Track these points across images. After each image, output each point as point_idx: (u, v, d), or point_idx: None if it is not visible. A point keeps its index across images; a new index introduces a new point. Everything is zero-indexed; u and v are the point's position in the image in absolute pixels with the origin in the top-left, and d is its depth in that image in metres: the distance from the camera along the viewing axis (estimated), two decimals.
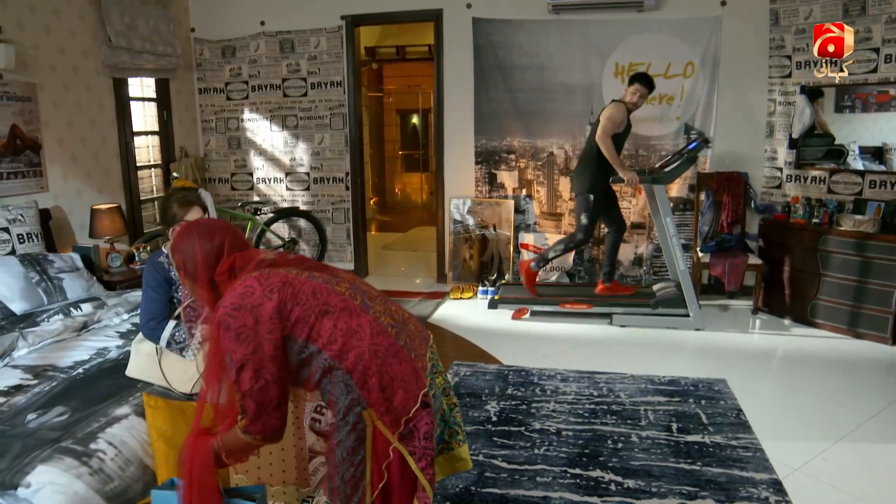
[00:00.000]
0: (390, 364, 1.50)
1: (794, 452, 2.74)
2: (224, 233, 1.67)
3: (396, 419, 1.47)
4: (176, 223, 2.51)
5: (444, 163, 5.56)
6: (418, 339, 1.65)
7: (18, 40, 3.94)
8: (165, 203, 2.58)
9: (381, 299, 1.67)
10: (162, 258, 2.58)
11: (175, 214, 2.52)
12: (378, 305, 1.63)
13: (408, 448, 1.47)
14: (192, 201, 2.55)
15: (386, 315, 1.61)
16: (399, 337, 1.57)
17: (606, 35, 4.98)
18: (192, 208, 2.53)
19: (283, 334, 1.50)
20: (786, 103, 4.72)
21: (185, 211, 2.52)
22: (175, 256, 1.66)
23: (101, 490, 1.91)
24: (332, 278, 1.65)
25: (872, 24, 4.18)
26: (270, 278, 1.54)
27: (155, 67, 5.16)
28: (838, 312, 4.26)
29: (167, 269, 2.55)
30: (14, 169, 3.94)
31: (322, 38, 5.56)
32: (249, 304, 1.49)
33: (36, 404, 2.29)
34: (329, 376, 1.51)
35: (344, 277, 1.69)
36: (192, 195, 2.60)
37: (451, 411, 1.74)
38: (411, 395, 1.49)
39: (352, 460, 1.49)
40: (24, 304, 3.34)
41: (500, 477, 2.57)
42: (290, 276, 1.56)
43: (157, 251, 2.66)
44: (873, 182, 4.36)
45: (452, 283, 5.56)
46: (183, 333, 2.35)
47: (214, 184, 6.03)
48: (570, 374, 3.61)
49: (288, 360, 1.52)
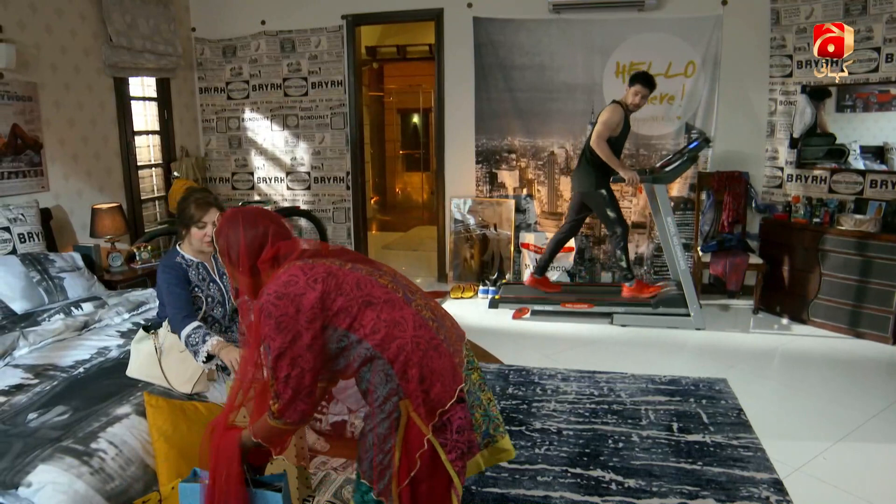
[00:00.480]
0: (430, 357, 1.54)
1: (794, 452, 2.74)
2: (268, 221, 1.70)
3: (432, 411, 1.51)
4: (193, 224, 2.54)
5: (444, 162, 5.56)
6: (455, 335, 1.69)
7: (20, 40, 3.94)
8: (183, 203, 2.59)
9: (420, 294, 1.71)
10: (178, 259, 2.59)
11: (192, 215, 2.53)
12: (419, 299, 1.67)
13: (439, 440, 1.51)
14: (210, 203, 2.56)
15: (426, 309, 1.65)
16: (439, 331, 1.61)
17: (607, 34, 4.98)
18: (209, 210, 2.54)
19: (323, 324, 1.53)
20: (787, 103, 4.72)
21: (203, 212, 2.53)
22: (219, 241, 1.69)
23: (101, 489, 1.91)
24: (375, 270, 1.69)
25: (873, 23, 4.18)
26: (315, 269, 1.57)
27: (156, 67, 5.16)
28: (839, 312, 4.26)
29: (185, 269, 2.57)
30: (15, 168, 3.94)
31: (323, 38, 5.56)
32: (292, 293, 1.52)
33: (37, 404, 2.29)
34: (369, 365, 1.55)
35: (385, 270, 1.73)
36: (210, 196, 2.60)
37: (488, 405, 1.77)
38: (448, 389, 1.53)
39: (382, 447, 1.52)
40: (24, 304, 3.34)
41: (500, 476, 2.57)
42: (334, 268, 1.60)
43: (171, 252, 2.65)
44: (874, 182, 4.35)
45: (453, 283, 5.56)
46: (198, 337, 2.37)
47: (215, 183, 6.03)
48: (571, 374, 3.61)
49: (326, 349, 1.56)
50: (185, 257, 2.61)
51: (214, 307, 2.65)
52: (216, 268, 2.68)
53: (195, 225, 2.54)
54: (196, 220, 2.53)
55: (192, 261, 2.61)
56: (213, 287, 2.64)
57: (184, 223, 2.57)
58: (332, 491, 2.26)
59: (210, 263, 2.67)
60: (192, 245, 2.60)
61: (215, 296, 2.65)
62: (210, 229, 2.53)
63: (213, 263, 2.68)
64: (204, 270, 2.63)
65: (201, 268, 2.63)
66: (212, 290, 2.64)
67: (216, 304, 2.65)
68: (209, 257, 2.67)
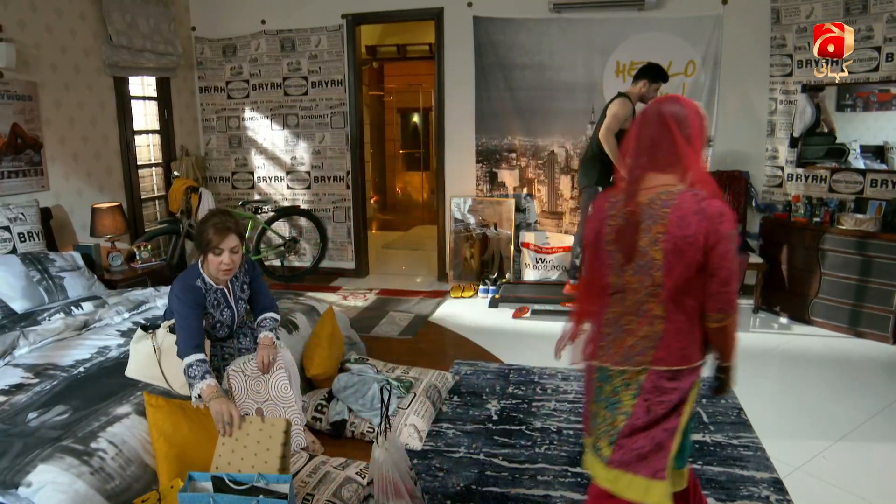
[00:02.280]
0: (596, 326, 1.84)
1: (794, 451, 2.74)
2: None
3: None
4: (210, 250, 2.42)
5: (444, 161, 5.56)
6: (618, 352, 1.79)
7: (20, 39, 3.94)
8: (202, 227, 2.46)
9: (623, 311, 1.83)
10: (199, 282, 2.49)
11: (210, 241, 2.41)
12: (616, 306, 1.79)
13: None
14: (229, 228, 2.43)
15: (614, 313, 1.81)
16: (606, 335, 1.82)
17: (607, 34, 4.98)
18: (227, 235, 2.42)
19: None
20: (787, 102, 4.71)
21: (221, 238, 2.41)
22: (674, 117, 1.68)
23: (101, 489, 1.91)
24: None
25: (874, 22, 4.18)
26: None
27: (156, 66, 5.16)
28: (839, 311, 4.26)
29: (204, 294, 2.49)
30: (15, 168, 3.95)
31: (323, 37, 5.55)
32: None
33: (37, 403, 2.29)
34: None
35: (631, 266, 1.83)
36: (229, 221, 2.45)
37: (606, 420, 1.76)
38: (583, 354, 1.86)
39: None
40: (25, 303, 3.35)
41: (500, 476, 2.57)
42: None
43: (192, 270, 2.54)
44: (874, 181, 4.35)
45: (453, 282, 5.56)
46: (197, 371, 2.28)
47: (215, 182, 6.03)
48: (571, 373, 3.61)
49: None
50: (205, 280, 2.52)
51: (222, 329, 2.64)
52: (233, 293, 2.62)
53: (212, 251, 2.42)
54: (213, 245, 2.41)
55: (211, 285, 2.53)
56: (226, 313, 2.60)
57: (201, 248, 2.45)
58: (333, 490, 2.26)
59: (228, 288, 2.60)
60: (209, 271, 2.51)
61: (226, 321, 2.62)
62: (227, 256, 2.42)
63: (230, 288, 2.61)
64: (221, 296, 2.57)
65: (219, 293, 2.57)
66: (224, 315, 2.60)
67: (224, 326, 2.64)
68: (227, 282, 2.59)
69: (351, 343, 3.69)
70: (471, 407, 3.20)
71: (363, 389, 2.93)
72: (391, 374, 3.28)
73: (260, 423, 2.13)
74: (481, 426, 3.00)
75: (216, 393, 2.22)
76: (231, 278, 2.58)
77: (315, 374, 3.12)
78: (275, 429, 2.10)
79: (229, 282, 2.60)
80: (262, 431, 2.10)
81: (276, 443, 2.07)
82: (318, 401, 3.01)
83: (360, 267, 5.94)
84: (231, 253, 2.43)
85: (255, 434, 2.10)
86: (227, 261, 2.43)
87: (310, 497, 2.22)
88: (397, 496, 2.07)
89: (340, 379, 3.01)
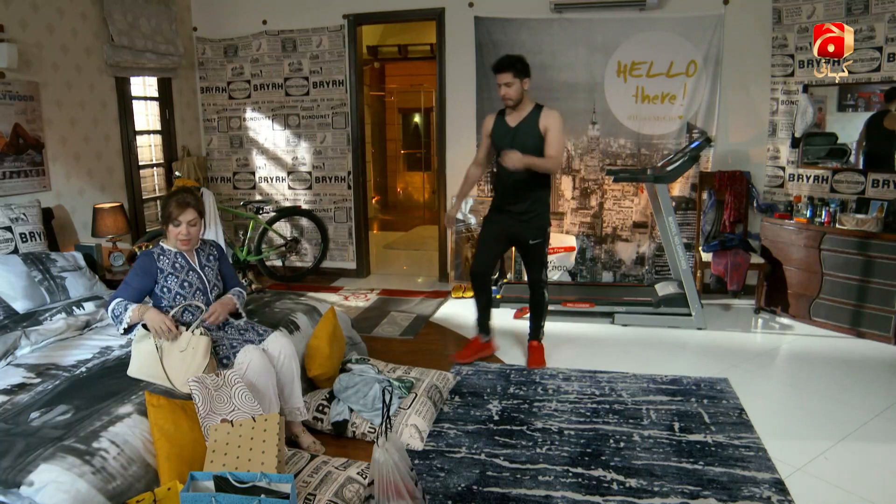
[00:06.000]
0: None
1: (796, 452, 2.74)
2: None
3: None
4: (170, 222, 2.66)
5: (445, 162, 5.55)
6: None
7: (21, 39, 3.94)
8: (165, 201, 2.71)
9: None
10: (155, 250, 2.72)
11: (171, 213, 2.66)
12: None
13: None
14: (189, 203, 2.67)
15: None
16: None
17: (609, 34, 4.98)
18: (186, 209, 2.65)
19: None
20: (788, 102, 4.71)
21: (181, 211, 2.65)
22: None
23: (103, 489, 1.91)
24: None
25: (875, 22, 4.17)
26: None
27: (157, 66, 5.17)
28: (840, 312, 4.26)
29: (155, 259, 2.69)
30: (17, 168, 3.95)
31: (324, 37, 5.56)
32: None
33: (39, 403, 2.29)
34: None
35: None
36: (189, 198, 2.70)
37: None
38: None
39: None
40: (26, 303, 3.35)
41: (501, 476, 2.57)
42: None
43: (157, 245, 2.78)
44: (876, 181, 4.35)
45: (454, 283, 5.56)
46: (120, 308, 2.56)
47: (217, 183, 6.03)
48: (572, 374, 3.61)
49: None
50: (164, 248, 2.74)
51: (194, 294, 2.72)
52: (198, 260, 2.80)
53: (172, 223, 2.67)
54: (173, 217, 2.65)
55: (170, 251, 2.74)
56: (192, 274, 2.74)
57: (163, 220, 2.71)
58: (334, 490, 2.26)
59: (191, 255, 2.79)
60: (170, 242, 2.74)
61: (194, 282, 2.73)
62: (184, 228, 2.66)
63: (194, 255, 2.80)
64: (182, 259, 2.75)
65: (179, 257, 2.74)
66: (190, 276, 2.73)
67: (196, 290, 2.73)
68: (191, 250, 2.78)
69: (352, 343, 3.69)
70: (472, 407, 3.20)
71: (364, 390, 2.93)
72: (392, 374, 3.28)
73: (252, 422, 2.13)
74: (482, 426, 3.00)
75: (144, 308, 2.55)
76: (197, 249, 2.81)
77: (316, 375, 3.12)
78: (268, 423, 2.11)
79: (195, 251, 2.80)
80: (254, 430, 2.11)
81: (272, 438, 2.08)
82: (319, 401, 3.01)
83: (362, 267, 5.94)
84: (189, 226, 2.67)
85: (248, 433, 2.10)
86: (185, 232, 2.67)
87: (311, 497, 2.22)
88: (398, 496, 2.06)
89: (342, 379, 3.01)
